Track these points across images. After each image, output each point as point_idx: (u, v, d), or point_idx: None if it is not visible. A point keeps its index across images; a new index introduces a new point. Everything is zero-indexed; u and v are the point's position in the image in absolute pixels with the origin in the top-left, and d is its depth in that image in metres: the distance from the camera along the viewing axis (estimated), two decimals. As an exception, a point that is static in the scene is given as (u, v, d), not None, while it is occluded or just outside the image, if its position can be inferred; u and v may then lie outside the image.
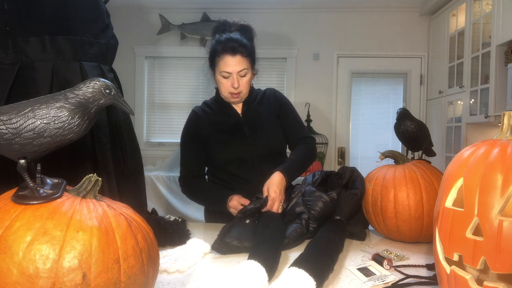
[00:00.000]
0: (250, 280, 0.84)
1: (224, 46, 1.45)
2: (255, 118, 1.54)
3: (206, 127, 1.53)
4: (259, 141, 1.50)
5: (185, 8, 4.17)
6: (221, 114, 1.55)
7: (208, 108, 1.59)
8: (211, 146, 1.52)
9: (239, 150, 1.49)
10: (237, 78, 1.45)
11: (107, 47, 1.25)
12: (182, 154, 1.58)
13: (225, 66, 1.44)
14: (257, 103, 1.58)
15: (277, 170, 1.40)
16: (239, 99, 1.52)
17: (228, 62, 1.44)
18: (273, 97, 1.61)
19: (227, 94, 1.50)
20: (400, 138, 1.51)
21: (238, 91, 1.47)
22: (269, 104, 1.58)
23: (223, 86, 1.48)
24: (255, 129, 1.52)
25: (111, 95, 0.72)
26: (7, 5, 1.09)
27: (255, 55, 1.52)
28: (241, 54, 1.44)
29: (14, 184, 0.69)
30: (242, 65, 1.45)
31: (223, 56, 1.45)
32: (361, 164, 4.11)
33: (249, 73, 1.49)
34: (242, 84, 1.47)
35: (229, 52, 1.43)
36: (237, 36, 1.47)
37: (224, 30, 1.52)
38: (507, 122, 0.76)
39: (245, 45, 1.46)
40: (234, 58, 1.43)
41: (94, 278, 0.58)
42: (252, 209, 1.26)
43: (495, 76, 2.82)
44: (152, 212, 1.37)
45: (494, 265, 0.63)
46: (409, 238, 1.23)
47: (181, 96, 4.30)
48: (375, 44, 4.12)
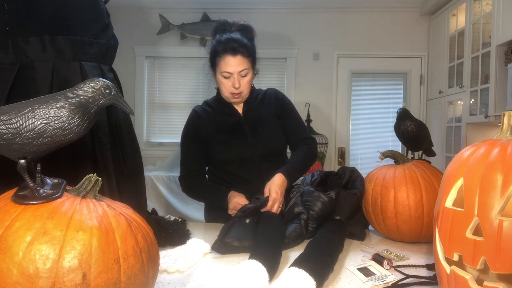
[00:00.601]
0: (251, 280, 0.84)
1: (224, 46, 1.44)
2: (255, 118, 1.54)
3: (207, 126, 1.53)
4: (259, 141, 1.50)
5: (185, 8, 4.17)
6: (222, 114, 1.55)
7: (209, 108, 1.59)
8: (211, 146, 1.52)
9: (239, 150, 1.49)
10: (238, 78, 1.45)
11: (107, 47, 1.25)
12: (183, 154, 1.58)
13: (226, 66, 1.44)
14: (258, 103, 1.58)
15: (279, 171, 1.41)
16: (240, 99, 1.51)
17: (229, 62, 1.43)
18: (274, 97, 1.60)
19: (228, 94, 1.49)
20: (400, 138, 1.51)
21: (239, 91, 1.47)
22: (270, 104, 1.58)
23: (224, 86, 1.48)
24: (256, 129, 1.52)
25: (111, 95, 0.72)
26: (7, 5, 1.09)
27: (256, 55, 1.52)
28: (241, 54, 1.44)
29: (14, 184, 0.69)
30: (243, 65, 1.44)
31: (224, 57, 1.44)
32: (361, 164, 4.11)
33: (250, 73, 1.49)
34: (243, 84, 1.47)
35: (229, 52, 1.43)
36: (237, 36, 1.47)
37: (224, 30, 1.52)
38: (507, 122, 0.76)
39: (245, 45, 1.46)
40: (235, 58, 1.43)
41: (94, 278, 0.58)
42: (251, 207, 1.26)
43: (495, 76, 2.82)
44: (152, 212, 1.37)
45: (494, 265, 0.63)
46: (409, 238, 1.23)
47: (181, 96, 4.30)
48: (375, 44, 4.12)
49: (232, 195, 1.42)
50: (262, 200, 1.31)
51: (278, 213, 1.33)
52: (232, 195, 1.42)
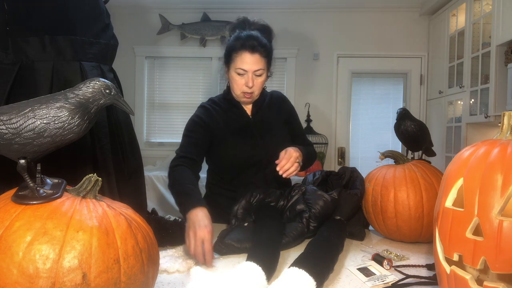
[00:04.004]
0: (248, 282, 0.84)
1: (243, 43, 1.40)
2: (264, 122, 1.52)
3: (216, 122, 1.48)
4: (268, 145, 1.47)
5: (185, 8, 4.17)
6: (231, 113, 1.51)
7: (216, 106, 1.54)
8: (218, 144, 1.48)
9: (247, 152, 1.47)
10: (252, 77, 1.41)
11: (107, 47, 1.25)
12: (184, 138, 1.46)
13: (242, 63, 1.40)
14: (266, 106, 1.55)
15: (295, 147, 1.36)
16: (250, 99, 1.49)
17: (246, 59, 1.40)
18: (281, 102, 1.60)
19: (239, 93, 1.46)
20: (400, 138, 1.51)
21: (251, 91, 1.44)
22: (278, 109, 1.57)
23: (236, 84, 1.44)
24: (264, 133, 1.50)
25: (111, 95, 0.72)
26: (7, 5, 1.09)
27: (273, 57, 1.49)
28: (260, 53, 1.40)
29: (14, 184, 0.69)
30: (259, 64, 1.41)
31: (241, 53, 1.40)
32: (361, 164, 4.10)
33: (264, 74, 1.45)
34: (256, 84, 1.43)
35: (248, 50, 1.39)
36: (257, 34, 1.44)
37: (244, 28, 1.49)
38: (507, 122, 0.76)
39: (265, 45, 1.43)
40: (253, 56, 1.40)
41: (94, 278, 0.58)
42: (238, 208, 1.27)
43: (495, 76, 2.82)
44: (152, 212, 1.37)
45: (494, 265, 0.63)
46: (409, 238, 1.23)
47: (181, 96, 4.30)
48: (375, 44, 4.12)
49: (202, 217, 1.10)
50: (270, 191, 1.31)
51: (291, 172, 1.26)
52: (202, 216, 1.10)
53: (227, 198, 1.49)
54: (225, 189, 1.53)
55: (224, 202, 1.49)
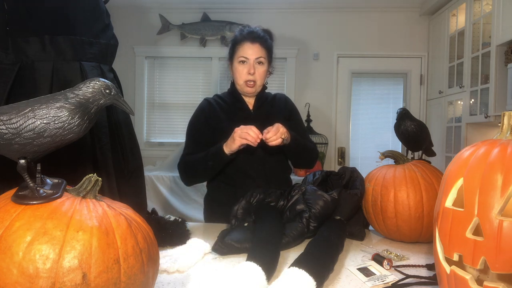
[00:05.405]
0: (248, 282, 0.84)
1: (245, 36, 1.54)
2: (265, 116, 1.56)
3: (217, 116, 1.56)
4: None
5: (185, 8, 4.17)
6: (233, 107, 1.59)
7: (220, 100, 1.62)
8: (219, 136, 1.50)
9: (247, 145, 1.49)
10: (253, 64, 1.52)
11: (107, 47, 1.25)
12: (188, 138, 1.58)
13: (244, 51, 1.52)
14: (269, 103, 1.62)
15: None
16: (253, 89, 1.55)
17: (247, 48, 1.52)
18: (284, 102, 1.66)
19: (242, 83, 1.54)
20: (400, 138, 1.51)
21: (254, 79, 1.52)
22: (280, 108, 1.63)
23: (239, 73, 1.53)
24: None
25: (111, 95, 0.72)
26: (7, 5, 1.09)
27: (273, 55, 1.60)
28: (260, 43, 1.53)
29: (14, 184, 0.69)
30: (260, 53, 1.52)
31: (242, 43, 1.53)
32: (361, 164, 4.10)
33: (265, 64, 1.55)
34: (258, 73, 1.52)
35: (249, 40, 1.52)
36: (258, 30, 1.56)
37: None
38: (507, 122, 0.76)
39: (265, 39, 1.55)
40: (253, 45, 1.52)
41: (94, 278, 0.58)
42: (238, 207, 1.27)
43: (495, 76, 2.82)
44: (152, 212, 1.37)
45: (494, 265, 0.63)
46: (409, 238, 1.23)
47: (181, 96, 4.30)
48: (375, 44, 4.12)
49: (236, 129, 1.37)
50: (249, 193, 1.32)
51: (273, 142, 1.35)
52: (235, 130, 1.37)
53: (226, 194, 1.53)
54: (224, 183, 1.56)
55: (223, 198, 1.53)
